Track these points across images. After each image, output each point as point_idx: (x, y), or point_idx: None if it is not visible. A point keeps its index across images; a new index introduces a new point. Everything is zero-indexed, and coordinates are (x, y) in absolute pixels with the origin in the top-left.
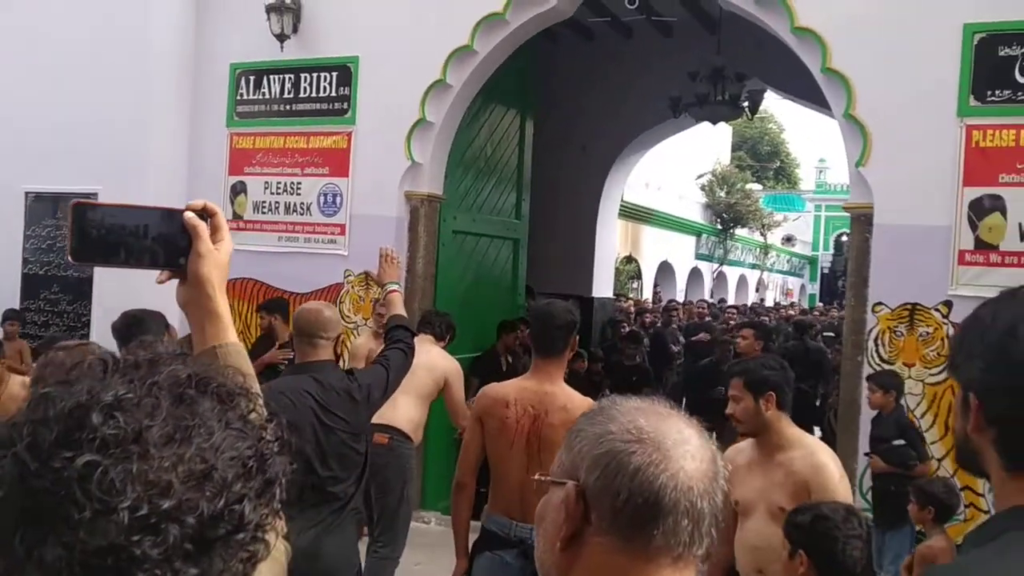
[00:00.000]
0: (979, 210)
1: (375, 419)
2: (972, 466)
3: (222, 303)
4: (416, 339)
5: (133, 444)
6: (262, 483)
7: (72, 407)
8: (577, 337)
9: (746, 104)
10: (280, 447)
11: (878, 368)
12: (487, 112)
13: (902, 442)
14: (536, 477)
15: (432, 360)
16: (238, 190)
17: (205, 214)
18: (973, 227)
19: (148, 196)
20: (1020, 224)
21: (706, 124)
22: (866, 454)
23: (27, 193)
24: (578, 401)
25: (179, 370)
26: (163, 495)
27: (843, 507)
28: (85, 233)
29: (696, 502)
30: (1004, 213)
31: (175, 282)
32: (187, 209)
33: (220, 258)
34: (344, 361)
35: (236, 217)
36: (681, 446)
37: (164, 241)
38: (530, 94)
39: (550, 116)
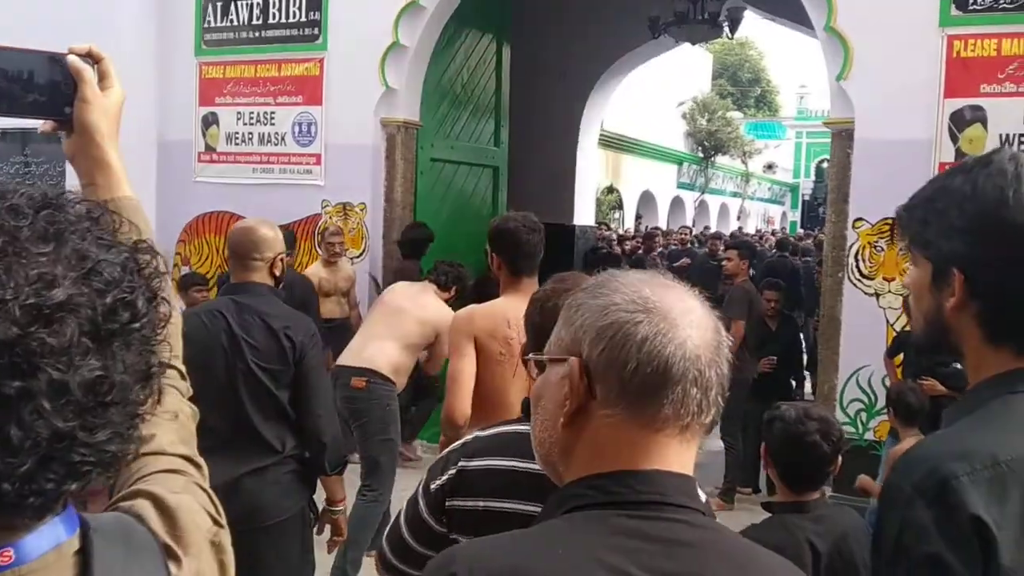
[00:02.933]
0: (960, 122)
1: (355, 362)
2: (940, 346)
3: (112, 153)
4: (420, 285)
5: (6, 242)
6: (147, 289)
7: None
8: None
9: (726, 23)
10: (154, 257)
11: (859, 283)
12: (462, 36)
13: (958, 366)
14: (529, 356)
15: (425, 313)
16: (210, 121)
17: (91, 59)
18: (954, 139)
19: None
20: (1000, 135)
21: (687, 52)
22: (919, 379)
23: None
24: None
25: (31, 191)
26: (50, 287)
27: (799, 408)
28: None
29: (704, 370)
30: (985, 124)
31: None
32: (70, 53)
33: (108, 105)
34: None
35: (209, 149)
36: (686, 315)
37: (49, 89)
38: (506, 17)
39: (527, 41)
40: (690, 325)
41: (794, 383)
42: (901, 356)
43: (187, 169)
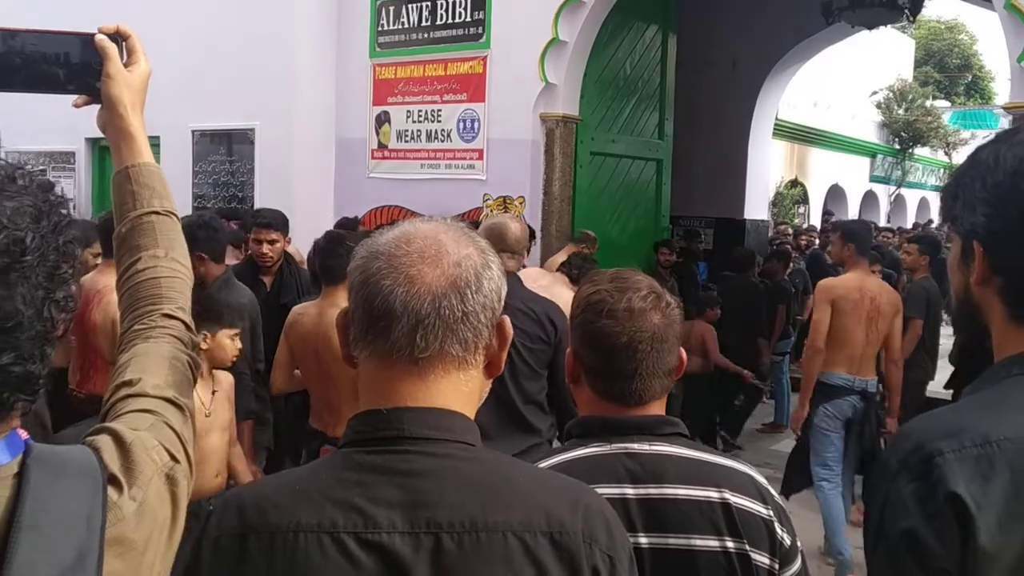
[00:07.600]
0: None
1: None
2: (970, 324)
3: (135, 123)
4: (552, 275)
5: None
6: (51, 226)
7: None
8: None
9: (906, 6)
10: (63, 204)
11: None
12: (626, 29)
13: None
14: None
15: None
16: (382, 120)
17: (119, 37)
18: None
19: (300, 130)
20: None
21: (884, 39)
22: None
23: (193, 131)
24: (887, 286)
25: None
26: None
27: None
28: (4, 60)
29: (425, 308)
30: None
31: None
32: (99, 32)
33: (132, 79)
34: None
35: (381, 146)
36: (415, 254)
37: (82, 67)
38: (672, 8)
39: (694, 31)
40: (417, 263)
41: None
42: None
43: (361, 165)
